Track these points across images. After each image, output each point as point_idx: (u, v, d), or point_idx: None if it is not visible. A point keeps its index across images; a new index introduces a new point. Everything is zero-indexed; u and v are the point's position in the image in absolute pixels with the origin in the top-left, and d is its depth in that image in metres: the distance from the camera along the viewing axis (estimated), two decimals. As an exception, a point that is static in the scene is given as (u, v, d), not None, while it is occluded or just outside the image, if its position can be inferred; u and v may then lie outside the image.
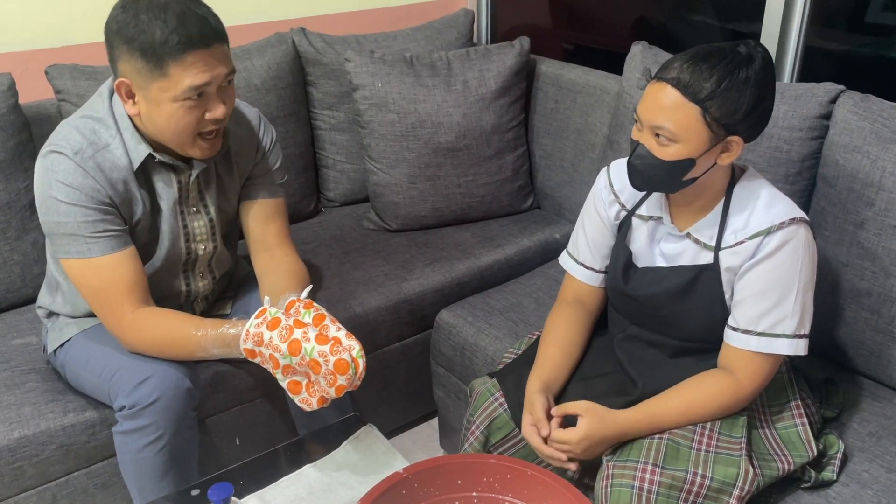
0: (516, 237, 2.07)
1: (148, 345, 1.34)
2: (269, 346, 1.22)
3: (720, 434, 1.19)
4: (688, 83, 1.09)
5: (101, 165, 1.29)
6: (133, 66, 1.22)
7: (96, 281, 1.32)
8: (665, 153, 1.13)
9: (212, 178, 1.44)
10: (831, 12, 1.88)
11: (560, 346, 1.33)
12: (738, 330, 1.19)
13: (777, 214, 1.16)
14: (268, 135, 1.51)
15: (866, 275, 1.42)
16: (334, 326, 1.24)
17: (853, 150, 1.43)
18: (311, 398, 1.25)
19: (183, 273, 1.49)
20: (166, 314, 1.36)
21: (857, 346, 1.48)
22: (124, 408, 1.31)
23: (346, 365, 1.19)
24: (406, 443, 2.00)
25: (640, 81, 1.77)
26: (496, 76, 2.07)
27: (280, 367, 1.24)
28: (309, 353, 1.20)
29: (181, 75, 1.21)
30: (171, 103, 1.24)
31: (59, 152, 1.28)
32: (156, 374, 1.31)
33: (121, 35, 1.21)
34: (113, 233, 1.31)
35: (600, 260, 1.38)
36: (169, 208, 1.39)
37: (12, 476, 1.40)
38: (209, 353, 1.31)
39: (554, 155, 2.17)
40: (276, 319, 1.24)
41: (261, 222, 1.52)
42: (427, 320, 1.88)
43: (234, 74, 1.29)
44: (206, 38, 1.21)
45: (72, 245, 1.30)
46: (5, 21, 1.91)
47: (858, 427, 1.37)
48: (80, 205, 1.27)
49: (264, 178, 1.52)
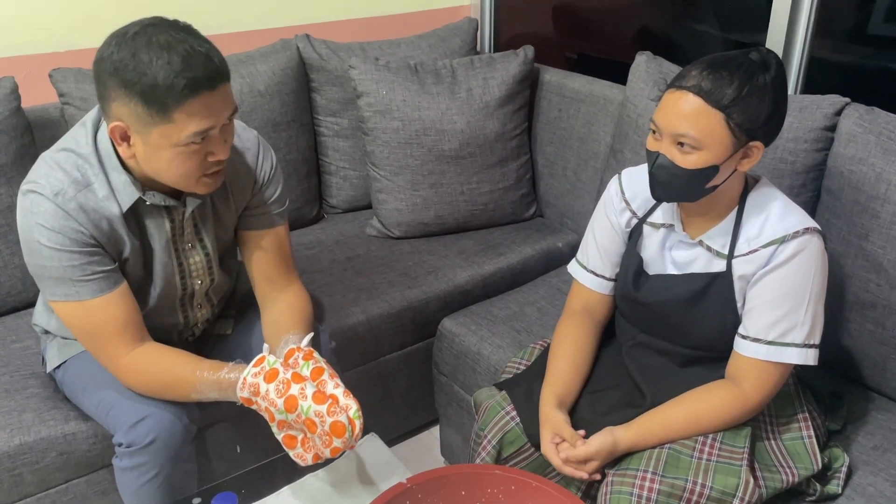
0: (519, 245, 2.07)
1: (144, 387, 1.30)
2: (266, 399, 1.18)
3: (722, 443, 1.18)
4: (710, 90, 1.09)
5: (84, 206, 1.20)
6: (131, 110, 1.12)
7: (88, 323, 1.26)
8: (688, 161, 1.12)
9: (208, 213, 1.36)
10: (833, 23, 1.89)
11: (571, 360, 1.32)
12: (749, 338, 1.19)
13: (791, 224, 1.16)
14: (267, 162, 1.40)
15: (871, 287, 1.41)
16: (332, 382, 1.20)
17: (858, 162, 1.43)
18: (306, 454, 1.21)
19: (180, 307, 1.43)
20: (163, 355, 1.30)
21: (862, 358, 1.47)
22: (122, 444, 1.29)
23: (342, 427, 1.15)
24: (407, 451, 1.99)
25: (652, 92, 1.77)
26: (500, 84, 2.07)
27: (276, 421, 1.20)
28: (305, 412, 1.15)
29: (186, 121, 1.12)
30: (171, 149, 1.15)
31: (39, 192, 1.19)
32: (152, 415, 1.28)
33: (117, 77, 1.10)
34: (101, 274, 1.23)
35: (610, 267, 1.37)
36: (162, 247, 1.31)
37: (12, 483, 1.39)
38: (205, 396, 1.27)
39: (557, 163, 2.17)
40: (274, 371, 1.19)
41: (261, 253, 1.43)
42: (429, 328, 1.88)
43: (236, 113, 1.20)
44: (212, 80, 1.12)
45: (59, 288, 1.23)
46: (9, 25, 1.91)
47: (863, 440, 1.36)
48: (65, 249, 1.19)
49: (264, 208, 1.42)
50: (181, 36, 1.11)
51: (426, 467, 1.15)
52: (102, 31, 1.17)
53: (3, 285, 1.73)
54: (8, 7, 1.89)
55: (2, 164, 1.69)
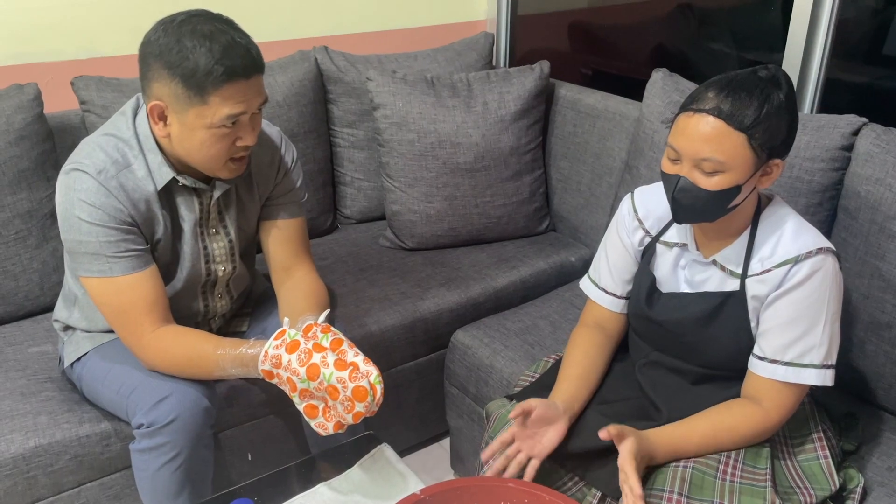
0: (532, 259, 2.07)
1: (167, 364, 1.34)
2: (288, 370, 1.22)
3: (744, 465, 1.18)
4: (731, 112, 1.09)
5: (124, 185, 1.29)
6: (171, 90, 1.22)
7: (117, 300, 1.32)
8: (710, 183, 1.12)
9: (232, 200, 1.44)
10: (849, 43, 1.89)
11: (580, 368, 1.32)
12: (765, 359, 1.19)
13: (805, 244, 1.16)
14: (289, 154, 1.51)
15: (887, 307, 1.41)
16: (352, 352, 1.23)
17: (875, 183, 1.43)
18: (327, 423, 1.24)
19: (202, 294, 1.48)
20: (186, 333, 1.36)
21: (878, 379, 1.47)
22: (142, 426, 1.31)
23: (364, 392, 1.18)
24: (417, 463, 1.99)
25: (667, 109, 1.77)
26: (516, 99, 2.09)
27: (297, 391, 1.23)
28: (327, 379, 1.19)
29: (220, 104, 1.21)
30: (205, 130, 1.24)
31: (83, 171, 1.27)
32: (174, 394, 1.31)
33: (162, 59, 1.20)
34: (134, 252, 1.31)
35: (622, 286, 1.37)
36: (190, 230, 1.39)
37: (26, 485, 1.39)
38: (227, 373, 1.31)
39: (571, 178, 2.18)
40: (295, 342, 1.23)
41: (280, 242, 1.51)
42: (442, 340, 1.88)
43: (266, 103, 1.29)
44: (247, 70, 1.21)
45: (93, 264, 1.30)
46: (33, 32, 1.94)
47: (878, 461, 1.36)
48: (103, 224, 1.27)
49: (285, 198, 1.51)
50: (223, 27, 1.21)
51: (436, 479, 1.16)
52: (124, 40, 1.22)
53: (21, 289, 1.75)
54: (32, 15, 1.92)
55: (23, 169, 1.71)
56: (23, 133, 1.71)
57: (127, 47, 1.28)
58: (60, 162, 1.81)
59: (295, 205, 1.53)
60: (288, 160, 1.50)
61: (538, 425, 1.22)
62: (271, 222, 1.51)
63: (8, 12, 1.89)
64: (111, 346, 1.44)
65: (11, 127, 1.69)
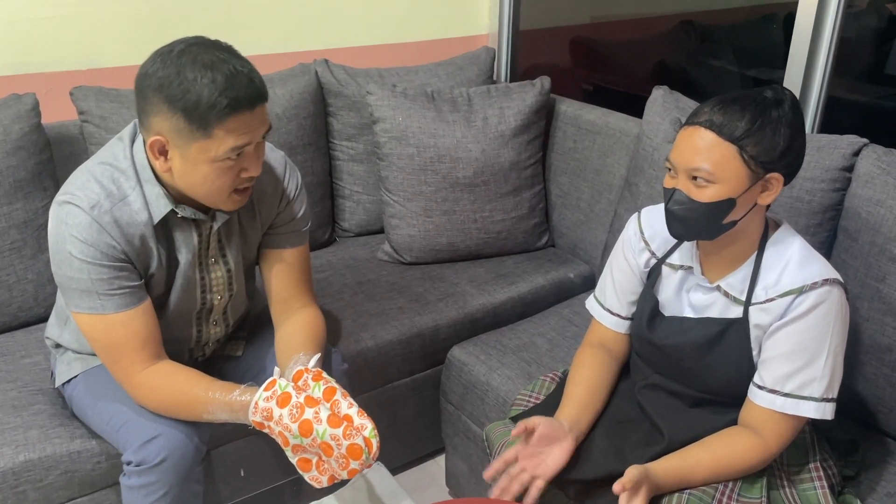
0: (530, 275, 2.06)
1: (156, 404, 1.31)
2: (279, 424, 1.18)
3: (740, 495, 1.16)
4: (722, 123, 1.09)
5: (119, 220, 1.23)
6: (173, 124, 1.16)
7: (108, 337, 1.27)
8: (703, 195, 1.11)
9: (234, 229, 1.39)
10: (850, 62, 1.89)
11: (586, 386, 1.31)
12: (765, 389, 1.17)
13: (810, 274, 1.14)
14: (293, 182, 1.44)
15: (887, 330, 1.40)
16: (346, 402, 1.20)
17: (876, 204, 1.42)
18: (321, 476, 1.21)
19: (196, 321, 1.44)
20: (177, 374, 1.31)
21: (877, 403, 1.45)
22: (131, 463, 1.28)
23: (359, 450, 1.15)
24: (411, 480, 1.97)
25: (668, 127, 1.77)
26: (516, 114, 2.08)
27: (290, 445, 1.20)
28: (321, 436, 1.15)
29: (225, 137, 1.16)
30: (209, 164, 1.19)
31: (75, 205, 1.21)
32: (163, 434, 1.28)
33: (162, 93, 1.14)
34: (128, 289, 1.26)
35: (627, 307, 1.36)
36: (187, 261, 1.34)
37: (15, 500, 1.38)
38: (216, 418, 1.27)
39: (571, 194, 2.17)
40: (287, 395, 1.19)
41: (280, 273, 1.46)
42: (438, 356, 1.87)
43: (270, 131, 1.25)
44: (252, 101, 1.16)
45: (84, 300, 1.25)
46: (32, 42, 1.94)
47: (877, 486, 1.34)
48: (95, 262, 1.22)
49: (287, 227, 1.46)
50: (225, 56, 1.16)
51: (430, 498, 1.14)
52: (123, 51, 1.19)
53: (15, 300, 1.74)
54: (31, 25, 1.92)
55: (20, 179, 1.70)
56: (20, 143, 1.70)
57: (126, 59, 1.25)
58: (58, 172, 1.81)
59: (297, 234, 1.47)
60: (291, 188, 1.44)
61: (542, 444, 1.20)
62: (272, 251, 1.46)
63: (7, 22, 1.89)
64: (101, 371, 1.39)
65: (9, 137, 1.68)
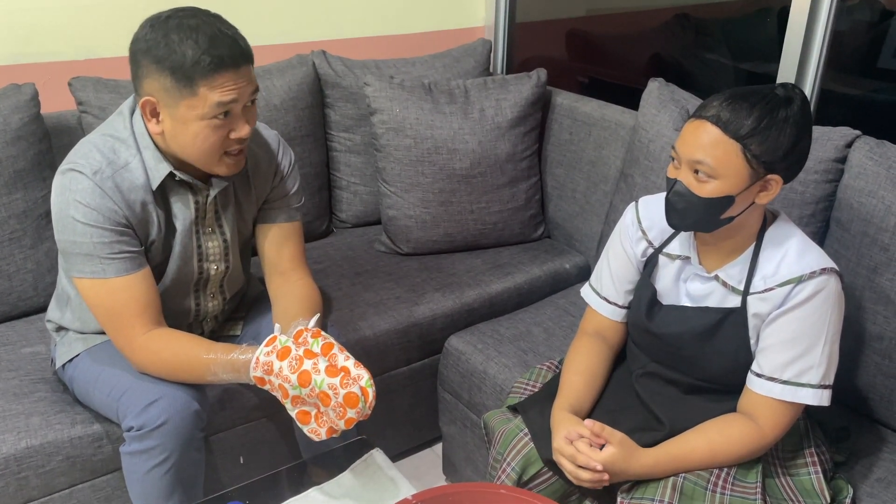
0: (526, 266, 2.08)
1: (158, 367, 1.34)
2: (279, 377, 1.22)
3: (735, 479, 1.18)
4: (728, 120, 1.10)
5: (120, 186, 1.29)
6: (161, 84, 1.23)
7: (109, 302, 1.32)
8: (704, 190, 1.13)
9: (230, 200, 1.44)
10: (844, 56, 1.91)
11: (583, 375, 1.33)
12: (763, 376, 1.19)
13: (808, 264, 1.16)
14: (286, 158, 1.51)
15: (879, 319, 1.42)
16: (342, 355, 1.23)
17: (868, 195, 1.44)
18: (319, 428, 1.24)
19: (194, 292, 1.48)
20: (177, 337, 1.35)
21: (868, 391, 1.48)
22: (132, 429, 1.31)
23: (355, 398, 1.18)
24: (409, 468, 1.99)
25: (665, 125, 1.78)
26: (512, 106, 2.09)
27: (289, 398, 1.23)
28: (319, 386, 1.19)
29: (210, 93, 1.22)
30: (197, 122, 1.25)
31: (78, 171, 1.27)
32: (164, 397, 1.31)
33: (150, 54, 1.21)
34: (128, 254, 1.31)
35: (623, 295, 1.38)
36: (184, 228, 1.39)
37: (17, 486, 1.39)
38: (218, 378, 1.30)
39: (566, 186, 2.19)
40: (287, 349, 1.23)
41: (276, 246, 1.52)
42: (435, 345, 1.89)
43: (257, 93, 1.30)
44: (235, 59, 1.23)
45: (86, 265, 1.29)
46: (31, 33, 1.94)
47: (868, 472, 1.36)
48: (97, 225, 1.27)
49: (281, 202, 1.52)
50: (209, 20, 1.23)
51: (428, 485, 1.16)
52: (122, 42, 1.23)
53: (15, 290, 1.75)
54: (30, 16, 1.92)
55: (19, 169, 1.71)
56: (19, 133, 1.71)
57: (124, 49, 1.27)
58: (57, 162, 1.80)
59: (291, 209, 1.53)
60: (285, 164, 1.51)
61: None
62: (267, 225, 1.52)
63: (6, 13, 1.89)
64: (103, 348, 1.44)
65: (8, 127, 1.69)
